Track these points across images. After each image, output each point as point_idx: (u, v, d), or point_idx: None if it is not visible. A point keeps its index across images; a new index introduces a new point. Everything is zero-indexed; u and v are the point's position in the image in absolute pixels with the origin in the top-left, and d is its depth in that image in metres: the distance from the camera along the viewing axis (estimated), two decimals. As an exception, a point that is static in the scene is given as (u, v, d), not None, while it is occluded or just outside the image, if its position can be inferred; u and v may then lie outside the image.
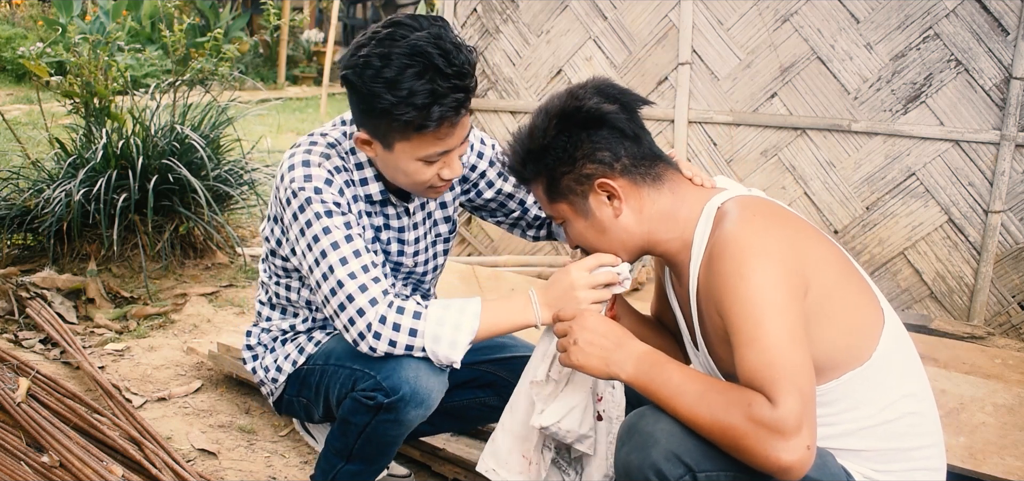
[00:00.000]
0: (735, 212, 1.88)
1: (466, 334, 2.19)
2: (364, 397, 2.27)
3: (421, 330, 2.18)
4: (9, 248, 4.98)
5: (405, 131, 2.11)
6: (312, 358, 2.50)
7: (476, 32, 5.31)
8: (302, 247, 2.25)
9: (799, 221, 1.94)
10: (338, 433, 2.42)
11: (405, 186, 2.28)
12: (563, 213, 2.07)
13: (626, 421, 1.88)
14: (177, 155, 5.01)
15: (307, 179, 2.22)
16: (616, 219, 2.01)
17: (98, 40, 5.96)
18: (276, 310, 2.58)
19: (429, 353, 2.19)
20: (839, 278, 1.88)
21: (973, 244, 4.20)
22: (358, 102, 2.14)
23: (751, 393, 1.66)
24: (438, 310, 2.21)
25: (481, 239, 5.42)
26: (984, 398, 3.06)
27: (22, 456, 2.78)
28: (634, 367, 1.87)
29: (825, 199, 4.50)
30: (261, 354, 2.62)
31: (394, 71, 2.04)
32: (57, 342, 3.89)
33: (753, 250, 1.76)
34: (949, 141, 4.18)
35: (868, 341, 1.89)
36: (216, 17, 14.96)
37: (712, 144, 4.74)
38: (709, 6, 4.63)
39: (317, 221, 2.21)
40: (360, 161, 2.34)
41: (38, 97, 5.97)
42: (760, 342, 1.69)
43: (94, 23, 13.24)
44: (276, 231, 2.41)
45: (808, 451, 1.60)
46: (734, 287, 1.75)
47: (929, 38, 4.14)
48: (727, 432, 1.67)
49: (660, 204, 2.01)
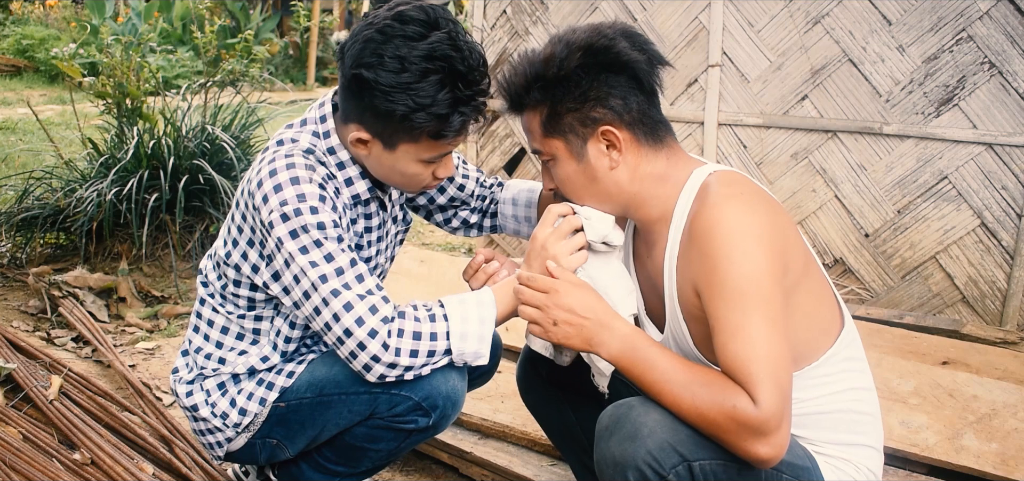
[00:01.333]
0: (720, 187, 1.86)
1: (490, 327, 2.09)
2: (400, 423, 2.17)
3: (441, 332, 2.05)
4: (42, 247, 5.04)
5: (416, 136, 2.02)
6: (291, 392, 2.28)
7: (506, 34, 5.31)
8: (293, 273, 2.03)
9: (777, 202, 1.92)
10: (340, 459, 2.32)
11: (398, 185, 2.20)
12: (554, 149, 1.98)
13: (611, 413, 1.85)
14: (207, 156, 5.04)
15: (301, 198, 2.02)
16: (610, 171, 1.95)
17: (130, 41, 6.03)
18: (240, 340, 2.32)
19: (456, 354, 2.07)
20: (803, 272, 1.89)
21: (1006, 248, 4.15)
22: (366, 101, 2.01)
23: (734, 389, 1.68)
24: (456, 306, 2.08)
25: (508, 240, 5.42)
26: (1017, 404, 3.03)
27: (55, 453, 2.81)
28: (618, 347, 1.86)
29: (856, 202, 4.46)
30: (213, 395, 2.32)
31: (414, 76, 1.95)
32: (89, 340, 3.92)
33: (742, 232, 1.75)
34: (982, 144, 4.13)
35: (825, 338, 1.94)
36: (246, 19, 15.06)
37: (742, 147, 4.72)
38: (740, 8, 4.61)
39: (316, 248, 2.01)
40: (341, 160, 2.17)
41: (71, 97, 6.06)
42: (745, 333, 1.70)
43: (126, 24, 13.41)
44: (251, 256, 2.18)
45: (784, 442, 1.67)
46: (721, 270, 1.74)
47: (962, 40, 4.10)
48: (710, 425, 1.71)
49: (654, 166, 1.96)
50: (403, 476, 3.03)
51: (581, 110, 1.92)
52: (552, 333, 1.93)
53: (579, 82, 1.90)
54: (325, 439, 2.30)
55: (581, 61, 1.90)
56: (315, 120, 2.19)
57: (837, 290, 2.01)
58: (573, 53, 1.91)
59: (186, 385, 2.35)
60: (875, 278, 4.47)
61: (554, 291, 1.93)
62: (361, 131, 2.07)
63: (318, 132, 2.18)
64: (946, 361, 3.53)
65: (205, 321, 2.34)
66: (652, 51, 1.95)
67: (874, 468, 1.99)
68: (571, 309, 1.90)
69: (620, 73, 1.91)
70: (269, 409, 2.29)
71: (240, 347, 2.31)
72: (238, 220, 2.20)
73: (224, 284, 2.28)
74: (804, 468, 1.87)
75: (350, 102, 2.07)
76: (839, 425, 1.96)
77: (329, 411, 2.23)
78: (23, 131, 8.73)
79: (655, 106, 1.96)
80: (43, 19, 15.28)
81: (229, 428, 2.30)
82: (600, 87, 1.90)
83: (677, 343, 2.00)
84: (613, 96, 1.91)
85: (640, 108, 1.93)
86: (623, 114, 1.91)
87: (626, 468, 1.76)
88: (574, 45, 1.92)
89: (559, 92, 1.92)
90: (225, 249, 2.24)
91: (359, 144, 2.10)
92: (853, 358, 1.99)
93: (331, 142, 2.17)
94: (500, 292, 2.13)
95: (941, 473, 2.75)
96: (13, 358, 3.40)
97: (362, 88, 1.99)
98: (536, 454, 2.96)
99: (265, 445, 2.34)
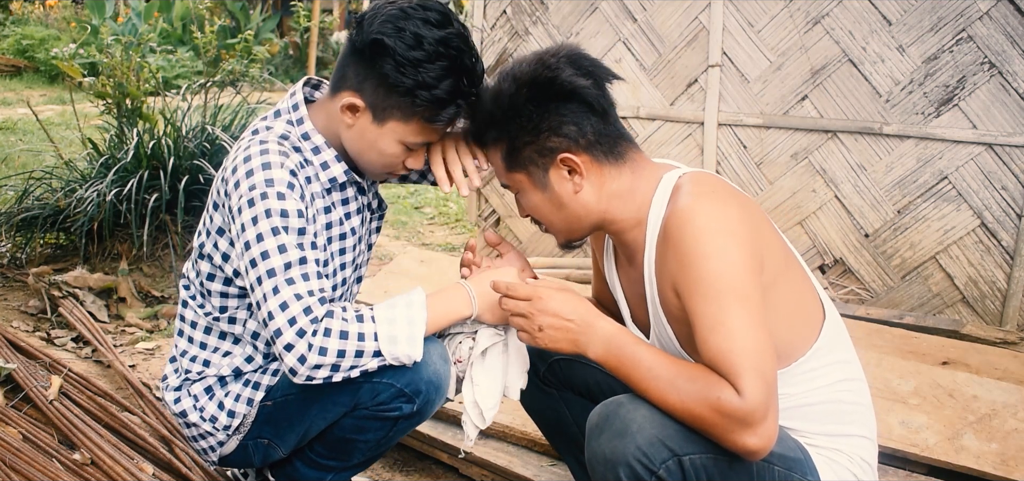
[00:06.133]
0: (691, 187, 1.88)
1: (420, 327, 2.07)
2: (384, 411, 2.18)
3: (368, 333, 2.03)
4: (42, 247, 5.04)
5: (409, 114, 2.07)
6: (276, 390, 2.31)
7: (505, 34, 5.31)
8: (248, 259, 2.04)
9: (751, 200, 1.94)
10: (332, 453, 2.33)
11: (370, 163, 2.19)
12: (519, 184, 2.03)
13: (600, 410, 1.87)
14: (208, 156, 5.04)
15: (269, 184, 2.04)
16: (575, 195, 1.97)
17: (130, 41, 6.03)
18: (223, 340, 2.33)
19: (388, 356, 2.04)
20: (783, 267, 1.91)
21: (1006, 249, 4.16)
22: (377, 67, 2.04)
23: (719, 383, 1.68)
24: (384, 310, 2.07)
25: (509, 239, 5.42)
26: (1017, 404, 3.03)
27: (55, 453, 2.81)
28: (604, 348, 1.86)
29: (856, 203, 4.46)
30: (201, 399, 2.34)
31: (427, 55, 2.00)
32: (89, 341, 3.93)
33: (715, 227, 1.77)
34: (982, 144, 4.13)
35: (807, 335, 1.95)
36: (246, 19, 15.05)
37: (742, 147, 4.72)
38: (740, 8, 4.61)
39: (272, 237, 2.02)
40: (316, 144, 2.19)
41: (71, 97, 6.06)
42: (725, 327, 1.70)
43: (126, 25, 13.41)
44: (221, 245, 2.21)
45: (772, 432, 1.68)
46: (696, 267, 1.75)
47: (962, 41, 4.10)
48: (697, 420, 1.72)
49: (620, 182, 1.97)
50: (403, 476, 3.04)
51: (537, 142, 1.94)
52: (539, 338, 1.94)
53: (530, 116, 1.93)
54: (314, 434, 2.31)
55: (528, 95, 1.92)
56: (288, 109, 2.22)
57: (824, 286, 2.01)
58: (520, 89, 1.93)
59: (174, 392, 2.37)
60: (875, 278, 4.47)
61: (537, 297, 1.95)
62: (356, 98, 2.10)
63: (292, 120, 2.21)
64: (946, 361, 3.53)
65: (188, 323, 2.35)
66: (599, 71, 1.96)
67: (867, 457, 2.00)
68: (556, 313, 1.92)
69: (569, 100, 1.92)
70: (257, 409, 2.31)
71: (224, 347, 2.34)
72: (211, 209, 2.23)
73: (201, 280, 2.29)
74: (796, 460, 1.88)
75: (356, 67, 2.10)
76: (829, 416, 1.96)
77: (314, 405, 2.24)
78: (23, 131, 8.72)
79: (611, 122, 1.97)
80: (43, 19, 15.28)
81: (219, 431, 2.32)
82: (551, 117, 1.92)
83: (663, 346, 2.01)
84: (565, 124, 1.93)
85: (595, 129, 1.94)
86: (579, 139, 1.93)
87: (617, 465, 1.77)
88: (520, 80, 1.94)
89: (513, 128, 1.96)
90: (199, 240, 2.28)
91: (348, 111, 2.11)
92: (838, 351, 2.00)
93: (305, 128, 2.20)
94: (436, 296, 2.14)
95: (941, 473, 2.75)
96: (13, 358, 3.41)
97: (377, 53, 2.03)
98: (536, 454, 2.96)
99: (257, 446, 2.36)
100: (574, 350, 1.91)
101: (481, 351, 2.14)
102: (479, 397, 2.12)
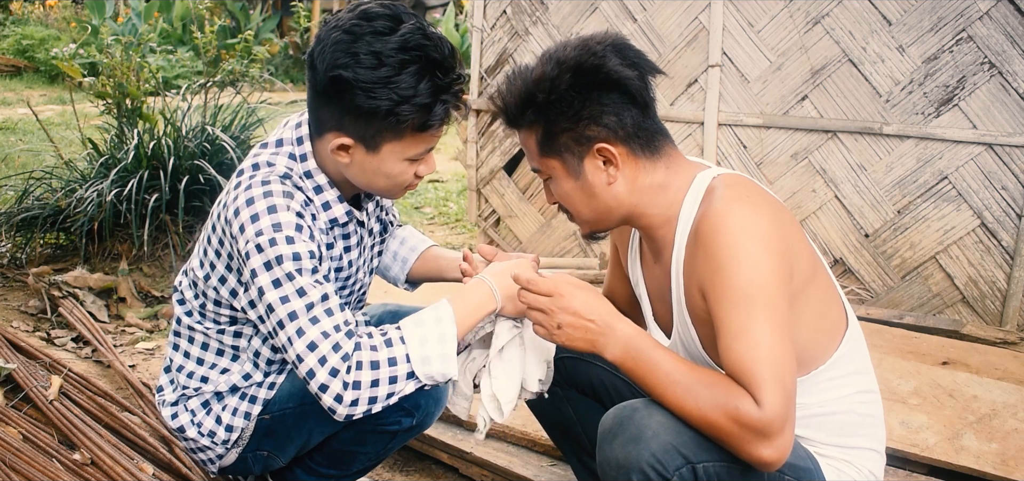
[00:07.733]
0: (725, 190, 1.85)
1: (452, 343, 1.99)
2: (384, 425, 2.17)
3: (400, 356, 1.96)
4: (42, 247, 5.04)
5: (400, 131, 1.97)
6: (273, 403, 2.28)
7: (506, 34, 5.31)
8: (265, 305, 1.99)
9: (782, 205, 1.92)
10: (331, 463, 2.33)
11: (382, 190, 2.12)
12: (552, 169, 1.97)
13: (614, 415, 1.85)
14: (208, 156, 5.04)
15: (276, 228, 1.97)
16: (608, 186, 1.93)
17: (130, 41, 6.02)
18: (221, 356, 2.29)
19: (422, 378, 1.97)
20: (811, 275, 1.89)
21: (1006, 249, 4.16)
22: (346, 103, 1.95)
23: (738, 392, 1.67)
24: (413, 329, 2.00)
25: (509, 240, 5.42)
26: (1016, 404, 3.03)
27: (55, 453, 2.81)
28: (622, 350, 1.84)
29: (856, 203, 4.46)
30: (198, 414, 2.31)
31: (392, 69, 1.91)
32: (89, 341, 3.92)
33: (747, 234, 1.75)
34: (982, 144, 4.14)
35: (830, 343, 1.94)
36: (246, 19, 15.04)
37: (742, 147, 4.72)
38: (740, 8, 4.61)
39: (288, 282, 1.96)
40: (318, 184, 2.12)
41: (71, 98, 6.06)
42: (750, 335, 1.69)
43: (126, 25, 13.40)
44: (229, 281, 2.15)
45: (788, 445, 1.66)
46: (726, 272, 1.73)
47: (962, 41, 4.10)
48: (713, 428, 1.70)
49: (654, 177, 1.94)
50: (403, 476, 3.04)
51: (575, 129, 1.90)
52: (556, 336, 1.91)
53: (571, 102, 1.88)
54: (314, 445, 2.30)
55: (571, 82, 1.88)
56: (292, 142, 2.13)
57: (842, 292, 2.01)
58: (563, 73, 1.88)
59: (170, 407, 2.33)
60: (875, 278, 4.47)
61: (558, 294, 1.91)
62: (341, 137, 2.01)
63: (295, 154, 2.12)
64: (946, 361, 3.53)
65: (185, 338, 2.30)
66: (644, 63, 1.93)
67: (875, 470, 1.99)
68: (576, 312, 1.88)
69: (612, 90, 1.88)
70: (255, 423, 2.29)
71: (222, 365, 2.28)
72: (214, 243, 2.14)
73: (203, 303, 2.23)
74: (806, 470, 1.87)
75: (327, 109, 2.01)
76: (842, 428, 1.96)
77: (311, 419, 2.22)
78: (23, 131, 8.72)
79: (650, 117, 1.94)
80: (43, 19, 15.27)
81: (218, 445, 2.30)
82: (593, 106, 1.88)
83: (685, 347, 2.00)
84: (606, 114, 1.88)
85: (635, 122, 1.91)
86: (618, 130, 1.89)
87: (630, 471, 1.75)
88: (564, 65, 1.89)
89: (552, 113, 1.90)
90: (202, 271, 2.20)
91: (341, 152, 2.03)
92: (858, 360, 1.99)
93: (308, 165, 2.11)
94: (460, 301, 2.07)
95: (941, 473, 2.75)
96: (13, 358, 3.40)
97: (341, 90, 1.94)
98: (536, 454, 2.96)
99: (257, 458, 2.34)
100: (591, 350, 1.89)
101: (499, 347, 2.10)
102: (497, 390, 2.07)
